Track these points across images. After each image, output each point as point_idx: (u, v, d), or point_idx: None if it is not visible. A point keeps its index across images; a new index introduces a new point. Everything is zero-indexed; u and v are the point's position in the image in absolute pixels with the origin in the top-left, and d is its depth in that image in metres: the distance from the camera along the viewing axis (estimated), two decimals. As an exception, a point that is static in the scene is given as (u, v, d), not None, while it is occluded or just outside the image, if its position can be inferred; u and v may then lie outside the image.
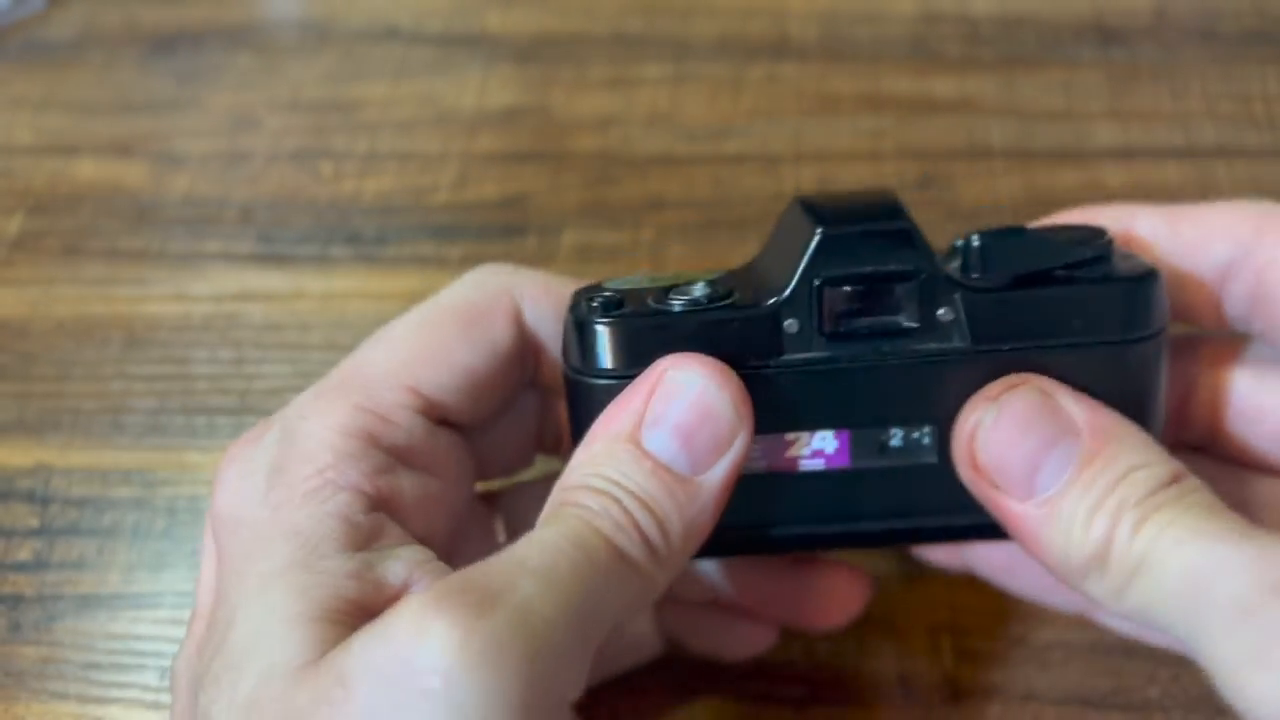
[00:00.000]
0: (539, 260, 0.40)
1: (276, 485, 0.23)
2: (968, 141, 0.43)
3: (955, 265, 0.23)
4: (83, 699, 0.31)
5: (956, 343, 0.23)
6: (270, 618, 0.21)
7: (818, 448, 0.24)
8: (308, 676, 0.20)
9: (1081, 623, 0.29)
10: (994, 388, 0.23)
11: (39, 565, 0.34)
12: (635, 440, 0.22)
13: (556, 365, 0.25)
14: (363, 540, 0.22)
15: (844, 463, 0.24)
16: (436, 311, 0.26)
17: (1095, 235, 0.23)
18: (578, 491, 0.22)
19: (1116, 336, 0.23)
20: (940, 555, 0.30)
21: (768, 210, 0.41)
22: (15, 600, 0.33)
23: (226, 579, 0.22)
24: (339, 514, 0.22)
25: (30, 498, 0.35)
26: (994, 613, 0.32)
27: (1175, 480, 0.21)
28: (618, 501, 0.21)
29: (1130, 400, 0.23)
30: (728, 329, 0.23)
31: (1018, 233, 0.23)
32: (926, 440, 0.24)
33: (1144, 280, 0.23)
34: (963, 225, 0.27)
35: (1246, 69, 0.44)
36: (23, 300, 0.40)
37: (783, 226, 0.25)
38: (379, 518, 0.23)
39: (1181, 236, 0.25)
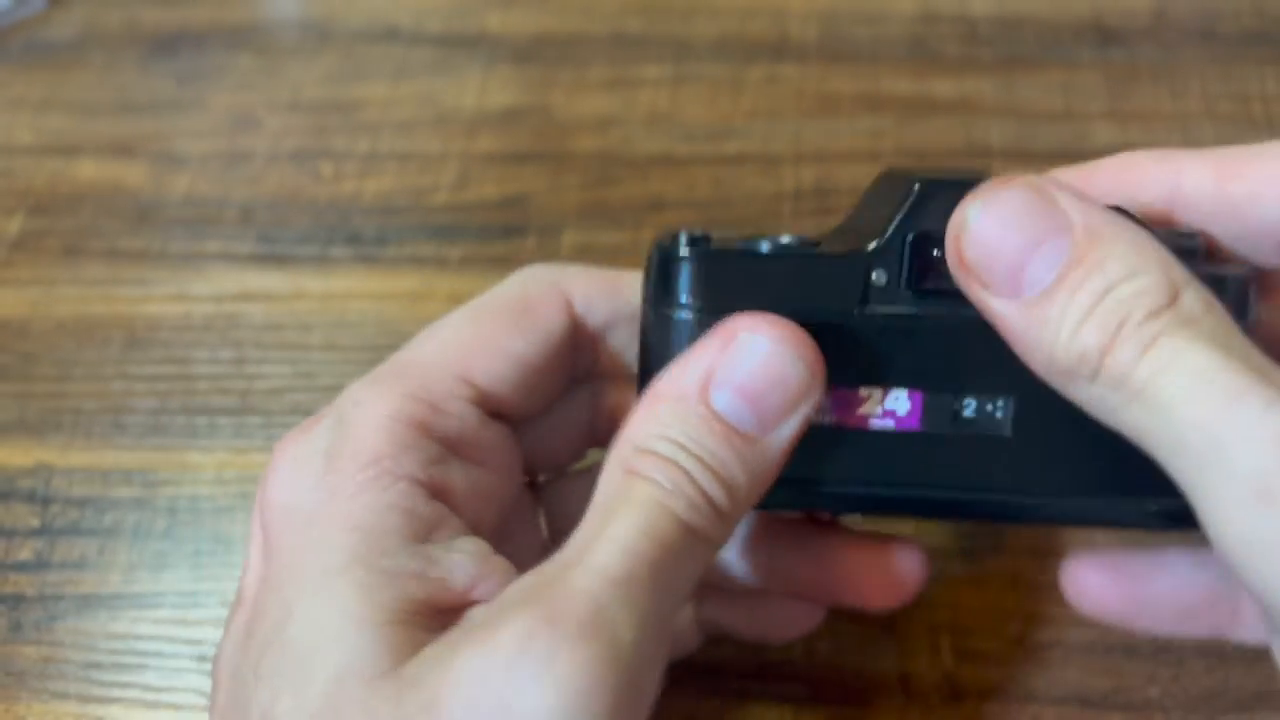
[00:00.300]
0: (539, 261, 0.40)
1: (331, 470, 0.22)
2: (967, 142, 0.43)
3: None
4: (83, 699, 0.31)
5: None
6: (335, 617, 0.20)
7: (890, 408, 0.24)
8: (390, 689, 0.19)
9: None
10: (987, 185, 0.22)
11: (40, 565, 0.34)
12: (704, 399, 0.22)
13: (614, 353, 0.25)
14: (424, 531, 0.22)
15: (914, 425, 0.24)
16: (488, 304, 0.26)
17: (1190, 236, 0.23)
18: (644, 458, 0.21)
19: None
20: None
21: (768, 210, 0.41)
22: (16, 600, 0.33)
23: (279, 569, 0.22)
24: (398, 505, 0.22)
25: (31, 498, 0.35)
26: (994, 613, 0.32)
27: (1174, 295, 0.20)
28: (687, 473, 0.21)
29: None
30: (813, 274, 0.23)
31: (1119, 211, 0.22)
32: (1000, 414, 0.24)
33: (1233, 279, 0.23)
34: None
35: (1246, 69, 0.44)
36: (23, 300, 0.40)
37: (871, 193, 0.24)
38: (439, 508, 0.23)
39: (1229, 197, 0.24)
